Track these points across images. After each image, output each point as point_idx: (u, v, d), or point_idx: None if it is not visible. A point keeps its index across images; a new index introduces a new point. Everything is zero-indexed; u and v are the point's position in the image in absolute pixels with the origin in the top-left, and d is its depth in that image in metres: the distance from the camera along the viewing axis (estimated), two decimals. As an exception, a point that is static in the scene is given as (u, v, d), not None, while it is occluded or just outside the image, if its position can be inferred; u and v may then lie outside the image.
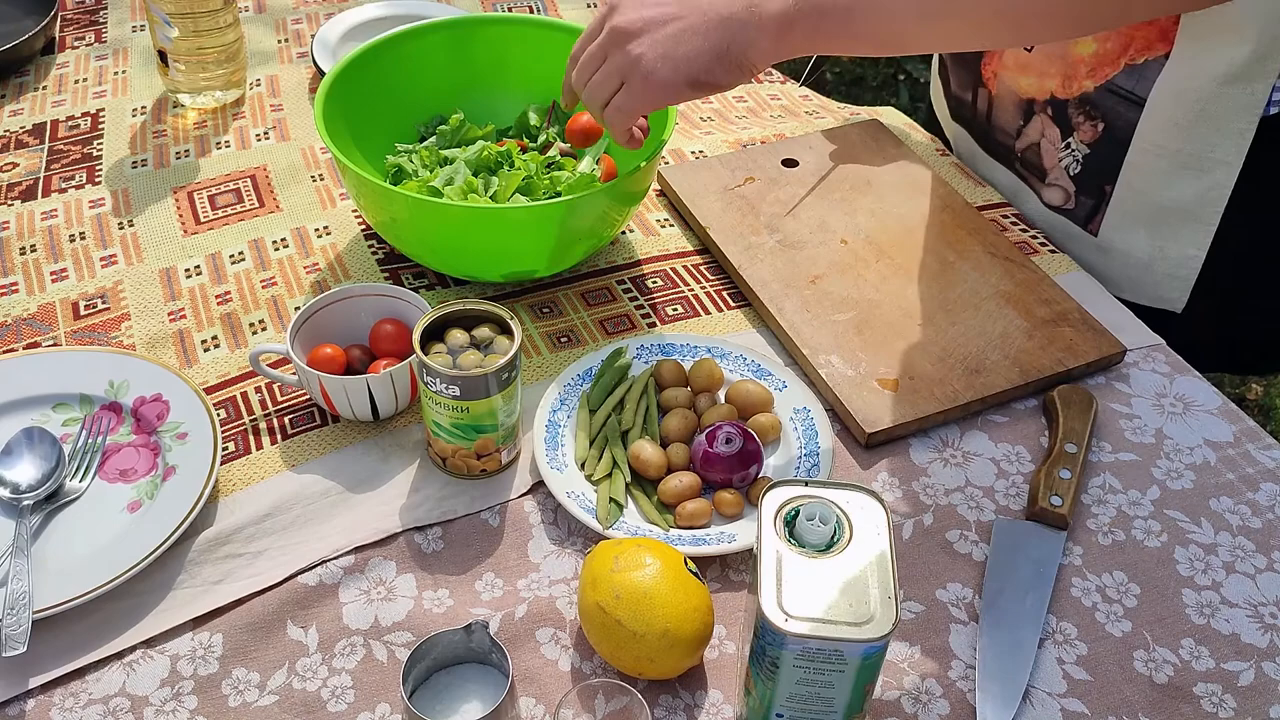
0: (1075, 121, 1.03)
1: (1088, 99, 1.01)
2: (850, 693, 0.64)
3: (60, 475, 0.83)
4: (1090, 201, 1.06)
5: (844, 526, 0.65)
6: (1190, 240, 1.01)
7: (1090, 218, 1.07)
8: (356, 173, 0.93)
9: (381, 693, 0.74)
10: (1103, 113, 1.01)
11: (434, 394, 0.80)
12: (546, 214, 0.93)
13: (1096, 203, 1.05)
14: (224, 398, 0.91)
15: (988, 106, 1.13)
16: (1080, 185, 1.06)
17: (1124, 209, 1.04)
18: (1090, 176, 1.05)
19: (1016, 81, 1.07)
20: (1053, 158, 1.08)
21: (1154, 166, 0.99)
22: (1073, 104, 1.03)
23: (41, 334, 0.97)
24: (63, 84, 1.28)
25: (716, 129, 1.24)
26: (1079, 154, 1.05)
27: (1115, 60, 0.98)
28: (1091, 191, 1.05)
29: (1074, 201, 1.07)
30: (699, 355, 0.94)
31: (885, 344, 0.95)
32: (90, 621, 0.76)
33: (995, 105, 1.11)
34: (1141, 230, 1.03)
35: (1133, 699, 0.74)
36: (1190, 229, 1.01)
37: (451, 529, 0.83)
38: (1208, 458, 0.90)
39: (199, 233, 1.07)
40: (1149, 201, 1.01)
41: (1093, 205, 1.06)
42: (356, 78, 1.04)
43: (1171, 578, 0.82)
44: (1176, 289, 1.04)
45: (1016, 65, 1.06)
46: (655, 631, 0.70)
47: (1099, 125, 1.01)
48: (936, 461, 0.89)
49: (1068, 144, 1.05)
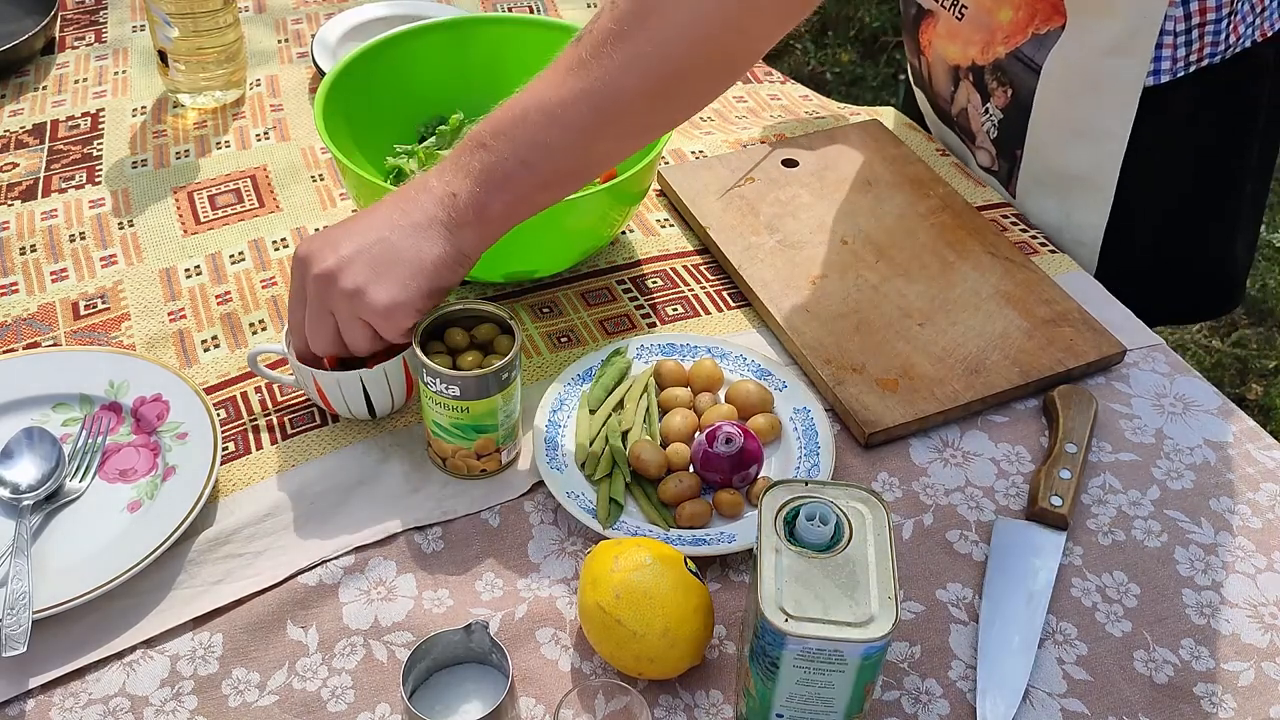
0: (990, 87, 1.09)
1: (999, 65, 1.07)
2: (850, 693, 0.64)
3: (60, 475, 0.83)
4: (1006, 165, 1.12)
5: (844, 526, 0.65)
6: (1092, 208, 1.06)
7: (1008, 180, 1.13)
8: (356, 173, 0.93)
9: (381, 693, 0.74)
10: (1010, 79, 1.06)
11: (434, 394, 0.80)
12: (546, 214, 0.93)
13: (1011, 166, 1.11)
14: (224, 398, 0.91)
15: (927, 73, 1.18)
16: (999, 149, 1.12)
17: (1032, 174, 1.10)
18: (1005, 141, 1.11)
19: (945, 49, 1.12)
20: (977, 122, 1.13)
21: (1053, 134, 1.05)
22: (988, 70, 1.08)
23: (41, 334, 0.97)
24: (63, 84, 1.28)
25: (716, 129, 1.24)
26: (995, 119, 1.11)
27: (1024, 29, 1.02)
28: (1006, 155, 1.12)
29: (996, 164, 1.14)
30: (699, 355, 0.94)
31: (885, 344, 0.95)
32: (90, 621, 0.76)
33: (931, 72, 1.17)
34: (1050, 196, 1.09)
35: (1133, 699, 0.74)
36: (1090, 197, 1.06)
37: (451, 529, 0.83)
38: (1208, 458, 0.90)
39: (199, 233, 1.07)
40: (1051, 168, 1.07)
41: (1008, 168, 1.12)
42: (356, 78, 1.04)
43: (1171, 578, 0.82)
44: (1085, 255, 1.09)
45: (947, 34, 1.11)
46: (655, 631, 0.70)
47: (1008, 91, 1.07)
48: (936, 461, 0.89)
49: (986, 109, 1.11)
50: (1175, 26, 0.96)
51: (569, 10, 1.44)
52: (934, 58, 1.15)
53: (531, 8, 1.45)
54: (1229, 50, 0.99)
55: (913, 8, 1.15)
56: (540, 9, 1.45)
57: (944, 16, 1.10)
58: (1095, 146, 1.03)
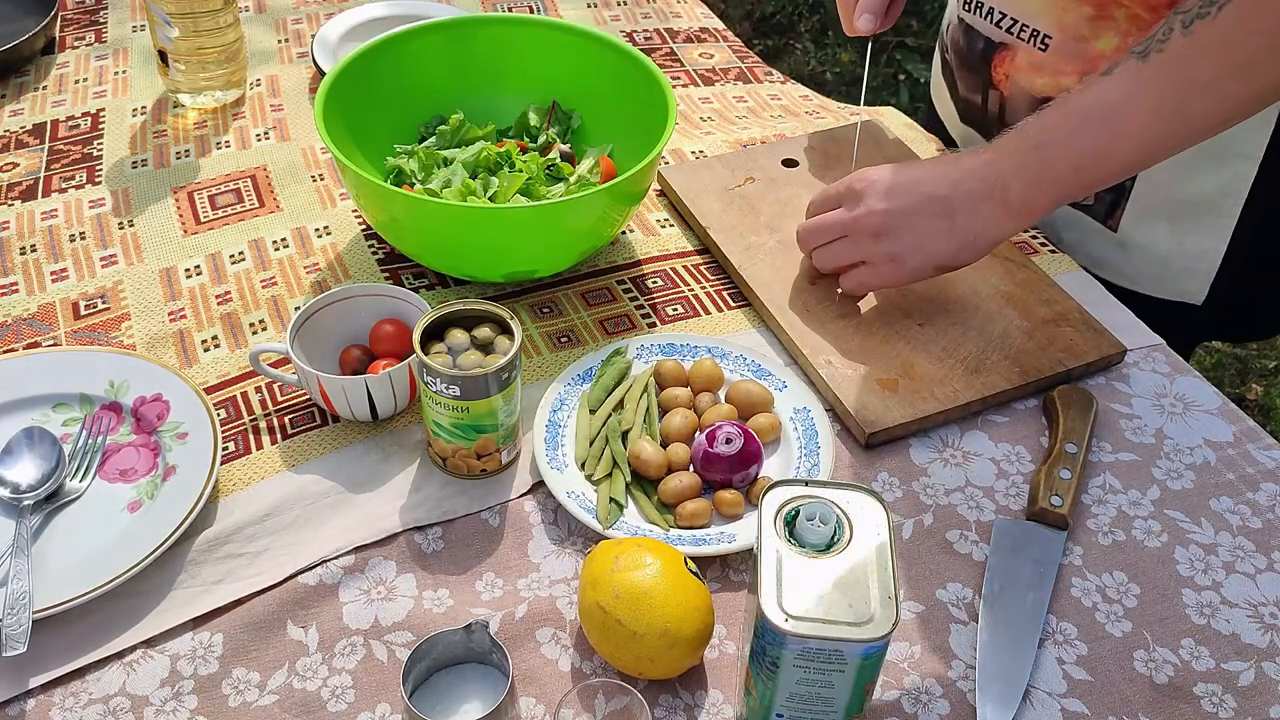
0: None
1: None
2: (850, 693, 0.64)
3: (60, 475, 0.83)
4: (1110, 197, 1.07)
5: (844, 526, 0.65)
6: (1210, 233, 1.02)
7: (1110, 213, 1.08)
8: (356, 173, 0.93)
9: (381, 693, 0.74)
10: None
11: (434, 394, 0.80)
12: (546, 214, 0.93)
13: (1116, 198, 1.06)
14: (224, 398, 0.91)
15: (999, 108, 1.13)
16: None
17: (1144, 203, 1.05)
18: None
19: (1031, 82, 1.07)
20: None
21: (1175, 160, 0.99)
22: None
23: (41, 334, 0.97)
24: (63, 84, 1.28)
25: (716, 129, 1.24)
26: None
27: None
28: (1112, 187, 1.06)
29: (1093, 197, 1.08)
30: (699, 355, 0.94)
31: (885, 344, 0.95)
32: (90, 621, 0.76)
33: (1008, 106, 1.11)
34: (1162, 224, 1.05)
35: (1133, 699, 0.74)
36: (1210, 222, 1.02)
37: (451, 529, 0.83)
38: (1208, 458, 0.90)
39: (199, 233, 1.07)
40: (1169, 195, 1.03)
41: (1112, 201, 1.07)
42: (356, 78, 1.04)
43: (1171, 578, 0.82)
44: (1196, 282, 1.05)
45: (1030, 66, 1.06)
46: (655, 631, 0.70)
47: None
48: (936, 461, 0.89)
49: None
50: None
51: (569, 10, 1.44)
52: (1013, 91, 1.09)
53: (531, 8, 1.45)
54: None
55: (979, 41, 1.10)
56: (540, 9, 1.45)
57: (1023, 49, 1.05)
58: (1225, 170, 1.00)
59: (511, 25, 1.12)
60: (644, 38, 1.39)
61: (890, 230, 0.92)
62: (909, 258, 0.92)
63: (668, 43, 1.39)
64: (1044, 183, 0.87)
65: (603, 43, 1.09)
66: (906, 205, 0.91)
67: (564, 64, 1.11)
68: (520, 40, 1.11)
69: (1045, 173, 0.87)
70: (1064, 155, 0.86)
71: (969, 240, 0.90)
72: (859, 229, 0.94)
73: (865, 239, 0.94)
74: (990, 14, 1.08)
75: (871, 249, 0.94)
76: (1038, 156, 0.87)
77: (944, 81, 1.23)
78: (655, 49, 1.37)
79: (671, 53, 1.37)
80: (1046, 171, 0.87)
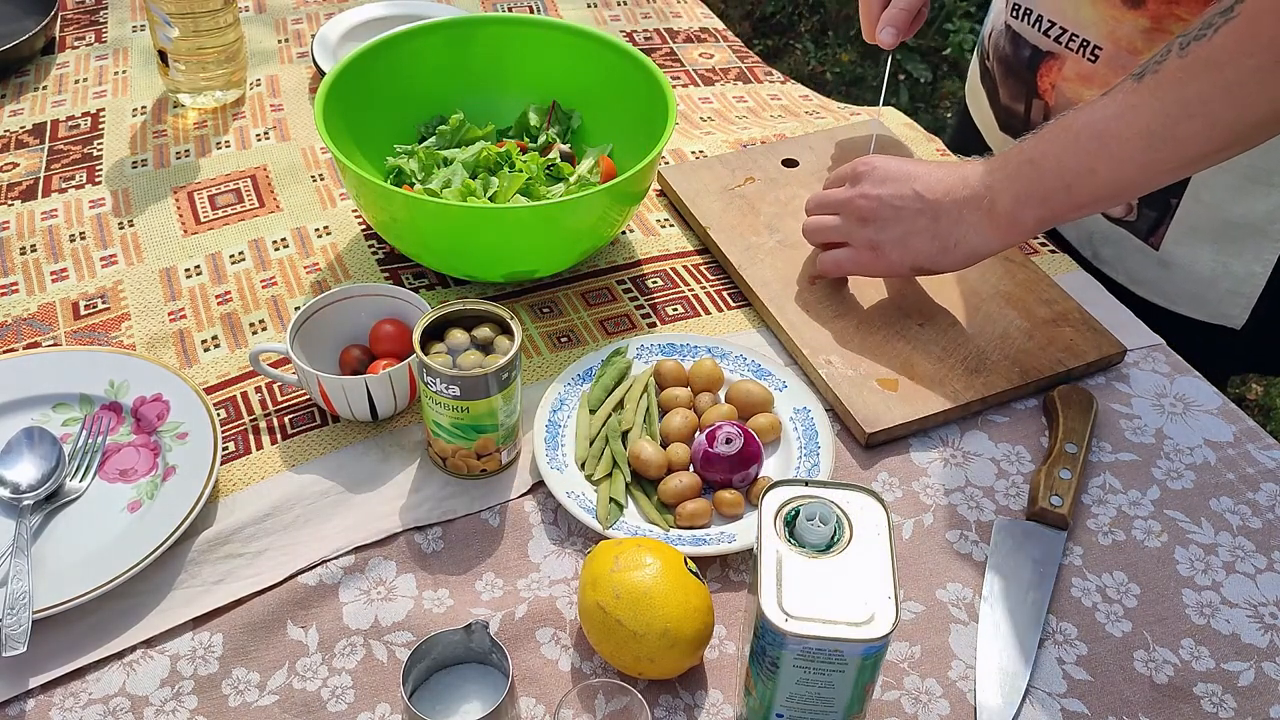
0: None
1: None
2: (850, 693, 0.64)
3: (60, 475, 0.83)
4: (1153, 214, 1.04)
5: (844, 526, 0.65)
6: (1255, 256, 1.00)
7: (1153, 230, 1.05)
8: (356, 173, 0.93)
9: (381, 693, 0.74)
10: None
11: (434, 394, 0.80)
12: (546, 214, 0.93)
13: (1160, 215, 1.04)
14: (224, 398, 0.91)
15: (1043, 117, 1.10)
16: (1145, 198, 1.04)
17: (1189, 223, 1.02)
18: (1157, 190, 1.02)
19: (1079, 93, 1.05)
20: None
21: (1222, 181, 0.98)
22: None
23: (41, 334, 0.97)
24: (63, 84, 1.28)
25: (716, 129, 1.24)
26: None
27: None
28: (1156, 204, 1.04)
29: (1136, 214, 1.06)
30: (699, 355, 0.94)
31: (885, 344, 0.95)
32: (90, 621, 0.76)
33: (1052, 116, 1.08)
34: (1206, 245, 1.02)
35: (1133, 699, 0.74)
36: (1256, 245, 1.00)
37: (451, 529, 0.83)
38: (1208, 458, 0.90)
39: (199, 233, 1.07)
40: (1216, 216, 1.01)
41: (1156, 218, 1.04)
42: (356, 78, 1.04)
43: (1171, 578, 0.82)
44: (1238, 306, 1.04)
45: (1079, 77, 1.04)
46: (655, 631, 0.70)
47: None
48: (936, 461, 0.89)
49: None
50: None
51: (569, 10, 1.44)
52: (1060, 102, 1.07)
53: (531, 8, 1.45)
54: None
55: (1025, 50, 1.09)
56: (540, 9, 1.45)
57: (1071, 59, 1.04)
58: (1275, 194, 0.97)
59: (511, 25, 1.12)
60: (644, 38, 1.39)
61: (877, 219, 0.93)
62: (889, 250, 0.93)
63: (668, 43, 1.39)
64: (1033, 199, 0.86)
65: (603, 43, 1.09)
66: (897, 198, 0.91)
67: (564, 64, 1.11)
68: (520, 40, 1.11)
69: (1035, 188, 0.86)
70: (1055, 172, 0.85)
71: (949, 246, 0.90)
72: (850, 210, 0.95)
73: (853, 221, 0.95)
74: (1039, 22, 1.06)
75: (856, 233, 0.95)
76: (1029, 171, 0.86)
77: (983, 88, 1.21)
78: (655, 49, 1.37)
79: (671, 53, 1.37)
80: (1036, 187, 0.86)
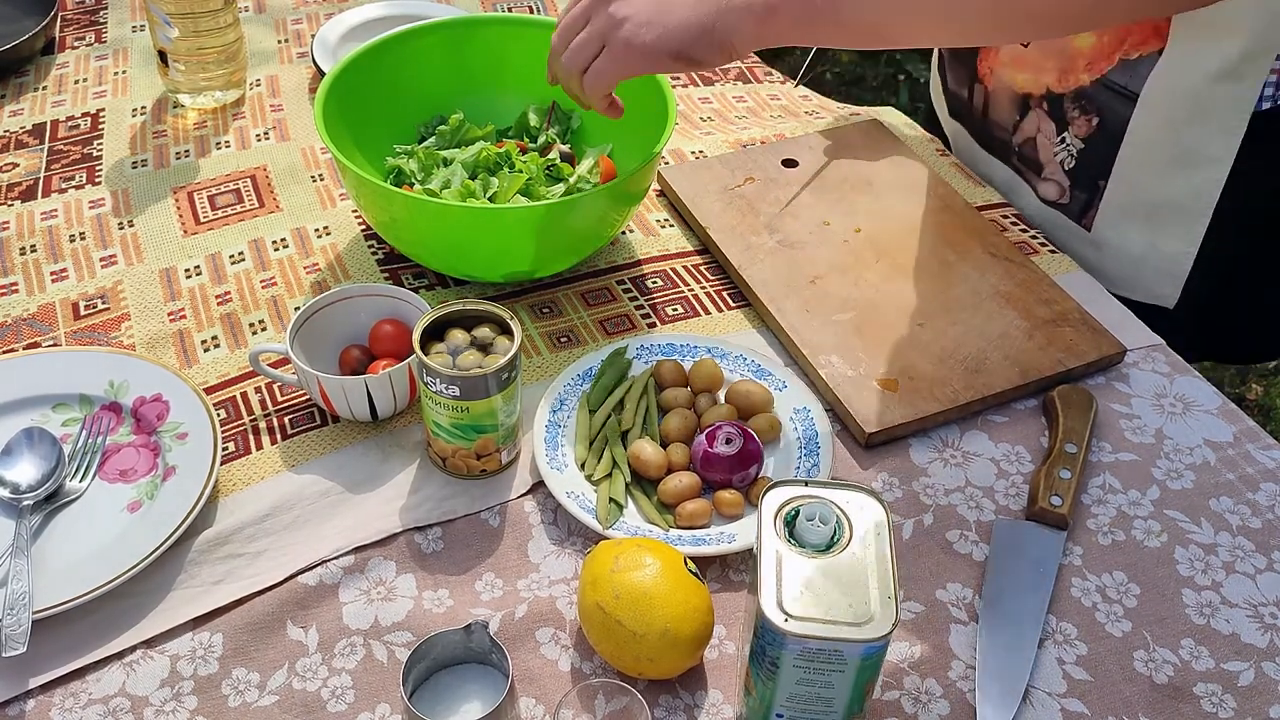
0: (1070, 116, 1.04)
1: (1083, 93, 1.02)
2: (850, 693, 0.64)
3: (60, 475, 0.83)
4: (1084, 196, 1.06)
5: (844, 526, 0.65)
6: (1182, 236, 1.02)
7: (1084, 212, 1.07)
8: (356, 173, 0.93)
9: (381, 693, 0.74)
10: (1097, 107, 1.01)
11: (434, 394, 0.80)
12: (547, 214, 0.93)
13: (1090, 197, 1.06)
14: (224, 398, 0.91)
15: (984, 102, 1.13)
16: (1075, 180, 1.06)
17: (1117, 204, 1.04)
18: (1085, 171, 1.05)
19: (1013, 77, 1.07)
20: (1048, 152, 1.08)
21: (1147, 162, 1.00)
22: (1068, 98, 1.03)
23: (41, 334, 0.97)
24: (63, 84, 1.28)
25: (716, 129, 1.24)
26: (1074, 149, 1.05)
27: (1110, 55, 0.98)
28: (1085, 186, 1.05)
29: (1069, 196, 1.08)
30: (699, 355, 0.94)
31: (885, 344, 0.95)
32: (90, 621, 0.76)
33: (991, 101, 1.12)
34: (1135, 225, 1.04)
35: (1133, 699, 0.74)
36: (1182, 225, 1.01)
37: (451, 529, 0.83)
38: (1208, 458, 0.90)
39: (199, 233, 1.07)
40: (1142, 197, 1.02)
41: (1086, 199, 1.06)
42: (356, 78, 1.04)
43: (1171, 578, 0.82)
44: (1169, 285, 1.05)
45: (1013, 61, 1.06)
46: (655, 631, 0.70)
47: (1093, 120, 1.02)
48: (936, 461, 0.89)
49: (1063, 138, 1.05)
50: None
51: (569, 10, 1.44)
52: (996, 86, 1.09)
53: (531, 8, 1.45)
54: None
55: None
56: (540, 9, 1.45)
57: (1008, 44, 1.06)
58: (1196, 174, 0.98)
59: (511, 25, 1.12)
60: (644, 38, 1.39)
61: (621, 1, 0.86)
62: (645, 31, 0.85)
63: (668, 43, 1.39)
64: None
65: (603, 43, 1.09)
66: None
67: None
68: (520, 40, 1.11)
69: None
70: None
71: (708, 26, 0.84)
72: (597, 2, 0.88)
73: (602, 13, 0.87)
74: None
75: (606, 23, 0.87)
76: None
77: (938, 76, 1.23)
78: (655, 49, 1.37)
79: (671, 53, 1.37)
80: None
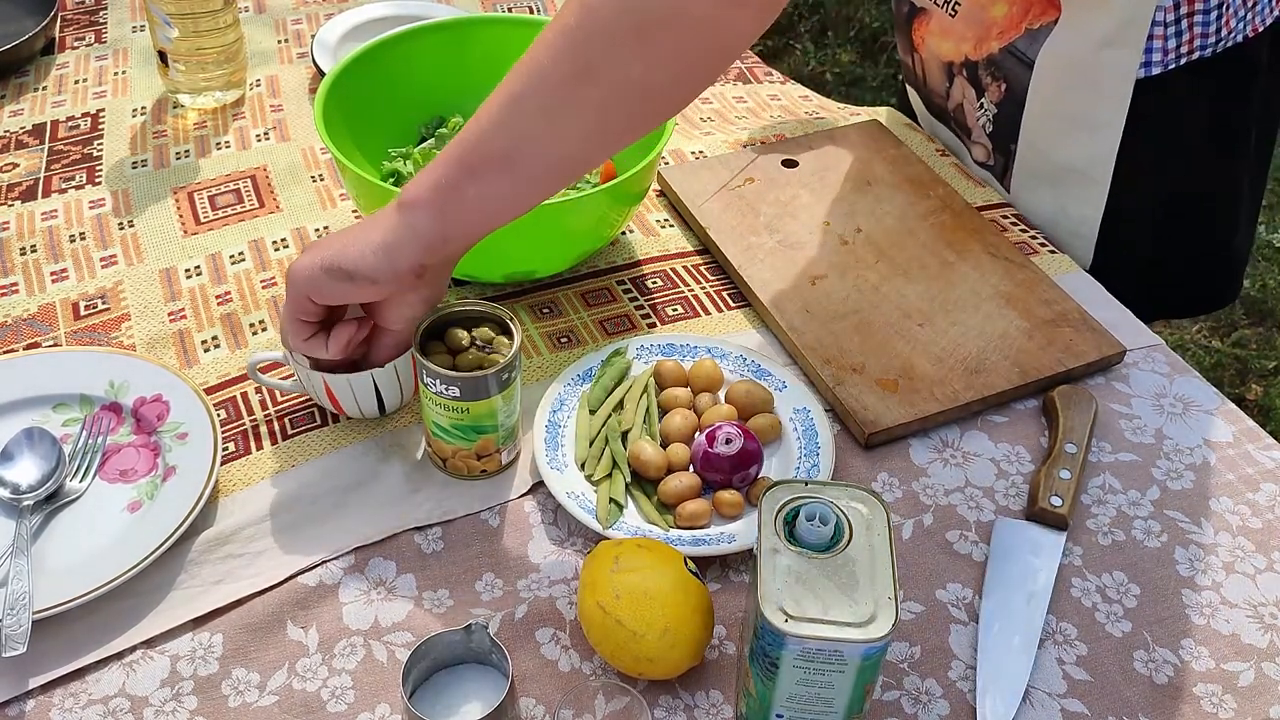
0: (985, 82, 1.09)
1: (993, 60, 1.07)
2: (850, 693, 0.64)
3: (60, 475, 0.83)
4: (1002, 159, 1.13)
5: (844, 526, 0.65)
6: (1087, 200, 1.07)
7: (1004, 174, 1.13)
8: (356, 173, 0.93)
9: (381, 693, 0.74)
10: (1004, 74, 1.07)
11: (434, 395, 0.80)
12: (546, 214, 0.93)
13: (1006, 161, 1.12)
14: (224, 398, 0.91)
15: (921, 70, 1.19)
16: (994, 143, 1.13)
17: (1027, 168, 1.10)
18: (999, 135, 1.12)
19: (939, 46, 1.13)
20: (972, 117, 1.14)
21: (1048, 127, 1.06)
22: (982, 65, 1.09)
23: (41, 334, 0.97)
24: (63, 84, 1.28)
25: (716, 129, 1.24)
26: (990, 113, 1.11)
27: (1018, 24, 1.03)
28: (1002, 150, 1.12)
29: (992, 159, 1.14)
30: (699, 355, 0.94)
31: (885, 344, 0.95)
32: (90, 621, 0.76)
33: (926, 69, 1.18)
34: (1044, 189, 1.10)
35: (1133, 699, 0.74)
36: (1086, 189, 1.07)
37: (451, 529, 0.83)
38: (1208, 458, 0.90)
39: (199, 233, 1.07)
40: (1047, 161, 1.08)
41: (1004, 162, 1.13)
42: (356, 78, 1.04)
43: (1171, 578, 0.82)
44: (1080, 248, 1.09)
45: (940, 30, 1.12)
46: (655, 631, 0.70)
47: (1002, 86, 1.08)
48: (936, 461, 0.89)
49: (981, 104, 1.11)
50: (1165, 17, 0.97)
51: (569, 10, 1.44)
52: (928, 55, 1.16)
53: (531, 8, 1.45)
54: (1220, 44, 1.00)
55: (905, 6, 1.16)
56: (540, 9, 1.45)
57: (937, 14, 1.11)
58: (1090, 138, 1.04)
59: (511, 25, 1.12)
60: (644, 38, 1.39)
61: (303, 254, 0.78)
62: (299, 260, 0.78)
63: (668, 43, 1.39)
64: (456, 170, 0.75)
65: (603, 43, 1.09)
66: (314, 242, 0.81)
67: (564, 64, 1.11)
68: (520, 41, 1.11)
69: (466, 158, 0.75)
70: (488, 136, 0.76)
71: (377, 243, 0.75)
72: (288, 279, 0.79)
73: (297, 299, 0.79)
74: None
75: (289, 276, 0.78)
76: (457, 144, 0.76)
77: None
78: (655, 49, 1.37)
79: (671, 53, 1.37)
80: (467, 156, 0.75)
